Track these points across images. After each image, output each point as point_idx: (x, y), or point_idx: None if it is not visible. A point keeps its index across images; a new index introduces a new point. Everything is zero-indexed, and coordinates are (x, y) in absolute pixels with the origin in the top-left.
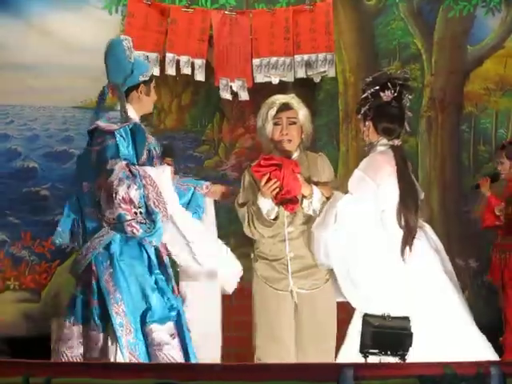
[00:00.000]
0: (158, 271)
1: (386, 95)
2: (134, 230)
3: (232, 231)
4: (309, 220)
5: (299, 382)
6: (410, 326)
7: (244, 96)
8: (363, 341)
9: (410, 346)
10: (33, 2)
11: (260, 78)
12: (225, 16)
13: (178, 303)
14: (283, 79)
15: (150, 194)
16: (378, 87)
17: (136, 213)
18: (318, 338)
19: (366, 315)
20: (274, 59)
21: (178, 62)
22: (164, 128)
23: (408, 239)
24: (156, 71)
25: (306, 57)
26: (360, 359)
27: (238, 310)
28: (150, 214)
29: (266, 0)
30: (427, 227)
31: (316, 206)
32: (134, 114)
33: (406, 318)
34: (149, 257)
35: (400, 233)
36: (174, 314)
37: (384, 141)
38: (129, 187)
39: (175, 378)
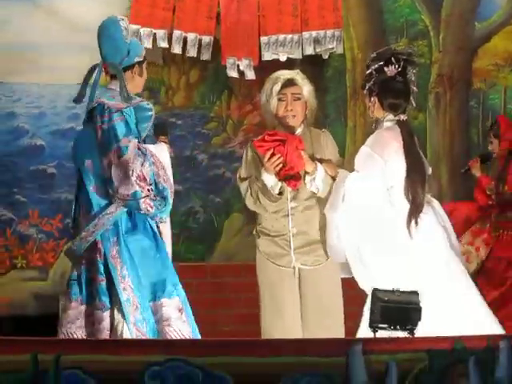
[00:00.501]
0: (162, 246)
1: (390, 70)
2: (149, 207)
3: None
4: (313, 195)
5: (308, 358)
6: (419, 301)
7: (250, 75)
8: (372, 316)
9: (419, 320)
10: None
11: (268, 56)
12: None
13: (177, 278)
14: (291, 56)
15: (160, 171)
16: (382, 62)
17: (149, 190)
18: (324, 314)
19: (375, 290)
20: (281, 36)
21: (185, 40)
22: (172, 105)
23: (414, 214)
24: (165, 46)
25: (314, 33)
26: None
27: (246, 286)
28: (159, 191)
29: None
30: (435, 203)
31: (319, 183)
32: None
33: (415, 293)
34: (154, 232)
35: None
36: (179, 287)
37: (390, 116)
38: (142, 164)
39: (184, 353)
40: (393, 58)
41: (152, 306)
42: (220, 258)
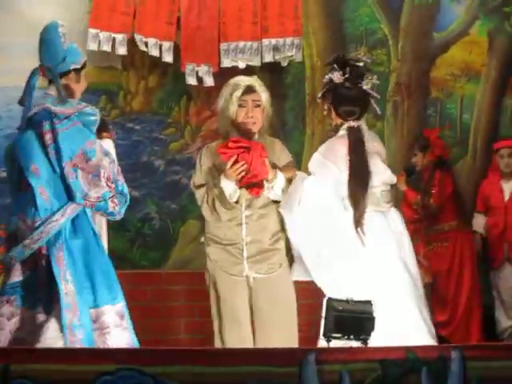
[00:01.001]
0: (104, 251)
1: (336, 77)
2: (115, 206)
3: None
4: (268, 204)
5: (261, 367)
6: (373, 310)
7: (209, 82)
8: (326, 325)
9: (373, 330)
10: None
11: (227, 63)
12: None
13: (118, 284)
14: (250, 64)
15: (118, 169)
16: (330, 70)
17: (113, 188)
18: (278, 323)
19: (329, 299)
20: (241, 43)
21: (145, 45)
22: (130, 110)
23: (357, 221)
24: (123, 52)
25: (273, 41)
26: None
27: (201, 294)
28: (118, 189)
29: None
30: (392, 210)
31: (278, 191)
32: (64, 96)
33: (369, 302)
34: (96, 237)
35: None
36: (121, 294)
37: (344, 125)
38: (109, 164)
39: (136, 362)
40: (336, 65)
41: (93, 313)
42: (175, 265)
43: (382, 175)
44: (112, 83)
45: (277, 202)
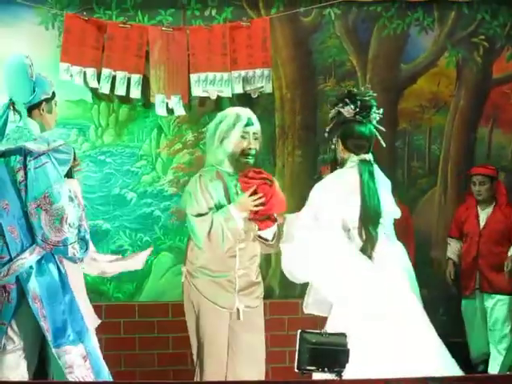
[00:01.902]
0: (69, 290)
1: (347, 111)
2: (75, 252)
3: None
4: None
5: None
6: (347, 343)
7: (180, 112)
8: (300, 358)
9: (347, 362)
10: None
11: (198, 93)
12: (162, 32)
13: (84, 324)
14: (220, 95)
15: (82, 213)
16: (340, 104)
17: (75, 234)
18: (254, 356)
19: (302, 332)
20: (211, 75)
21: (114, 78)
22: (101, 143)
23: (366, 252)
24: (94, 85)
25: (243, 72)
26: None
27: (174, 326)
28: (80, 234)
29: (203, 16)
30: (398, 245)
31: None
32: (37, 130)
33: (343, 334)
34: (61, 275)
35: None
36: (85, 334)
37: (354, 158)
38: (73, 209)
39: None
40: (347, 99)
41: (55, 352)
42: (148, 297)
43: (389, 207)
44: (83, 117)
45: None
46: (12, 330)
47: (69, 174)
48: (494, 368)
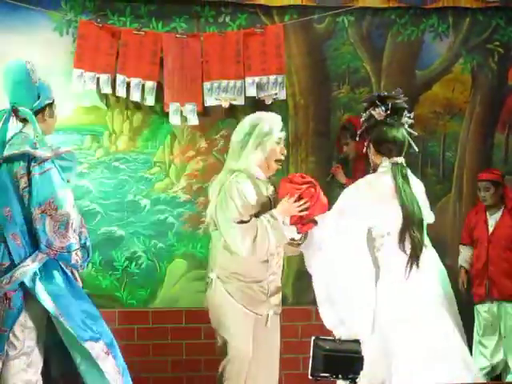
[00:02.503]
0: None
1: (378, 113)
2: (78, 259)
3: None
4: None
5: None
6: (361, 350)
7: (194, 121)
8: (314, 364)
9: (361, 369)
10: None
11: (210, 102)
12: (176, 39)
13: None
14: (233, 103)
15: (82, 221)
16: (370, 107)
17: (78, 240)
18: (273, 363)
19: (316, 338)
20: (224, 82)
21: (128, 84)
22: (115, 150)
23: (414, 257)
24: (108, 91)
25: (256, 79)
26: None
27: (188, 332)
28: (81, 241)
29: (216, 23)
30: (430, 248)
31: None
32: (41, 136)
33: (357, 341)
34: (69, 280)
35: (399, 255)
36: (102, 332)
37: (386, 161)
38: (76, 216)
39: None
40: (378, 101)
41: (87, 347)
42: (162, 304)
43: (426, 210)
44: (97, 123)
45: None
46: (14, 336)
47: None
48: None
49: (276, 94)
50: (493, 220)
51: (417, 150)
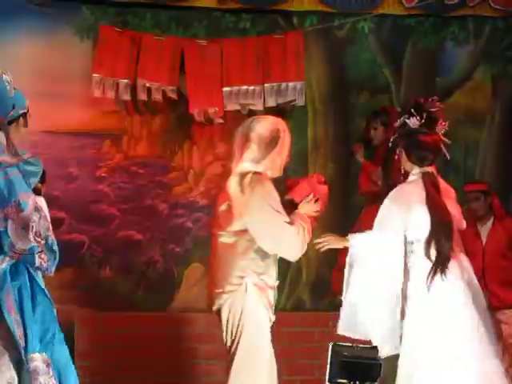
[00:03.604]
0: (44, 298)
1: (413, 122)
2: (42, 262)
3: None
4: None
5: None
6: (379, 356)
7: (215, 123)
8: (331, 370)
9: (379, 375)
10: (2, 29)
11: (230, 107)
12: (196, 44)
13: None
14: (253, 108)
15: (49, 225)
16: (405, 115)
17: (42, 244)
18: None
19: (334, 344)
20: (244, 88)
21: (149, 89)
22: (134, 154)
23: (439, 266)
24: (127, 97)
25: (276, 85)
26: None
27: (205, 337)
28: (49, 245)
29: (236, 29)
30: (464, 257)
31: None
32: (5, 143)
33: (375, 348)
34: (32, 285)
35: (426, 262)
36: (50, 343)
37: (417, 169)
38: (39, 220)
39: None
40: (413, 110)
41: (26, 359)
42: (179, 308)
43: (456, 217)
44: (116, 128)
45: None
46: None
47: (36, 192)
48: None
49: (295, 100)
50: (484, 231)
51: (449, 157)
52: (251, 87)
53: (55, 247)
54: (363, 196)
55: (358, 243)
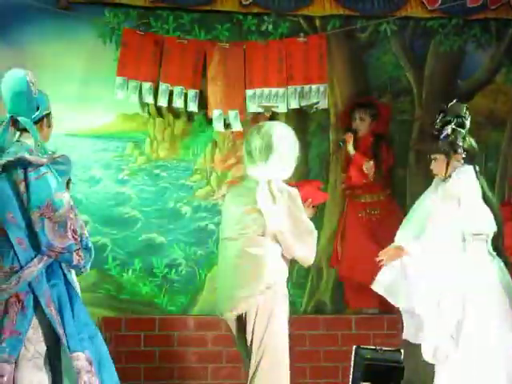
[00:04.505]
0: (78, 298)
1: (467, 124)
2: (80, 259)
3: None
4: None
5: None
6: (402, 359)
7: (237, 127)
8: (355, 373)
9: (402, 378)
10: (27, 32)
11: (253, 109)
12: (218, 47)
13: (93, 330)
14: (276, 110)
15: (82, 223)
16: (456, 119)
17: (79, 241)
18: None
19: (357, 347)
20: (267, 90)
21: (171, 93)
22: (156, 157)
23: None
24: (150, 100)
25: (299, 88)
26: None
27: (228, 340)
28: (83, 242)
29: (259, 31)
30: (498, 259)
31: None
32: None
33: (398, 351)
34: (68, 283)
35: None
36: (91, 340)
37: (465, 166)
38: (75, 217)
39: None
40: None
41: (71, 357)
42: (202, 311)
43: None
44: (138, 130)
45: None
46: (27, 338)
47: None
48: None
49: (318, 102)
50: None
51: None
52: (274, 89)
53: (90, 244)
54: (347, 189)
55: (417, 251)
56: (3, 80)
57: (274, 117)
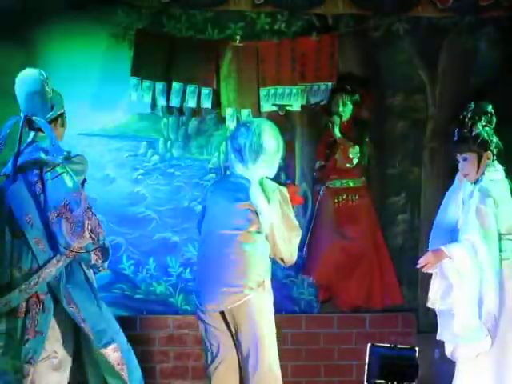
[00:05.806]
0: (99, 295)
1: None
2: (97, 258)
3: None
4: None
5: None
6: (417, 357)
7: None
8: (369, 371)
9: (417, 376)
10: (40, 32)
11: (267, 108)
12: (231, 46)
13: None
14: (290, 109)
15: (98, 222)
16: (484, 116)
17: (96, 240)
18: None
19: (372, 345)
20: (280, 89)
21: (184, 91)
22: (170, 156)
23: None
24: (163, 100)
25: (309, 86)
26: None
27: None
28: (100, 242)
29: (272, 30)
30: None
31: None
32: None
33: (413, 349)
34: (89, 281)
35: None
36: (117, 334)
37: (496, 166)
38: (92, 217)
39: None
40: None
41: (104, 352)
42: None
43: None
44: (152, 129)
45: None
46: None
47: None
48: None
49: (322, 100)
50: None
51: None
52: (287, 88)
53: (107, 243)
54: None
55: (460, 254)
56: (17, 80)
57: (287, 115)
